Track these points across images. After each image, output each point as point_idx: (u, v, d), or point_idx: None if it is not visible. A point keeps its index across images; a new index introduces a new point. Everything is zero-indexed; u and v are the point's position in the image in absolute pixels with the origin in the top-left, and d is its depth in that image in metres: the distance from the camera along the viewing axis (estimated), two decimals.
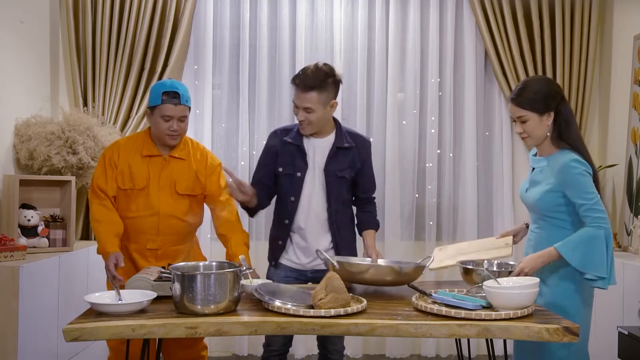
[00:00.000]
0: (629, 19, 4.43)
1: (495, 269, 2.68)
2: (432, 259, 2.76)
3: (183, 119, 2.90)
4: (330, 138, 2.95)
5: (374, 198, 3.15)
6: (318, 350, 3.08)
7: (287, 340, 3.01)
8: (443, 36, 4.67)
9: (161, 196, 2.93)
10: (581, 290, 2.59)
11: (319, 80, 2.80)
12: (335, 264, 2.56)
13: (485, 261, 2.71)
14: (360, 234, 3.08)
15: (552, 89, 2.62)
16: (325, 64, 2.87)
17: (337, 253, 2.95)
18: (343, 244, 2.98)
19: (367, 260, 2.88)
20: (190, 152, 3.03)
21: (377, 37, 4.62)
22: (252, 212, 3.06)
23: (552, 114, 2.60)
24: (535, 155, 2.75)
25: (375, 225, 3.09)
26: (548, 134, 2.62)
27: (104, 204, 2.92)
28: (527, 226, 2.88)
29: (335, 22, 4.59)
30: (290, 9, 4.57)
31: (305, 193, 2.94)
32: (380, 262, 2.86)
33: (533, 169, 2.71)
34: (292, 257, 2.97)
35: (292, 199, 2.93)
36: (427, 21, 4.66)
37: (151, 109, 2.90)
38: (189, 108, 2.94)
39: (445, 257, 2.86)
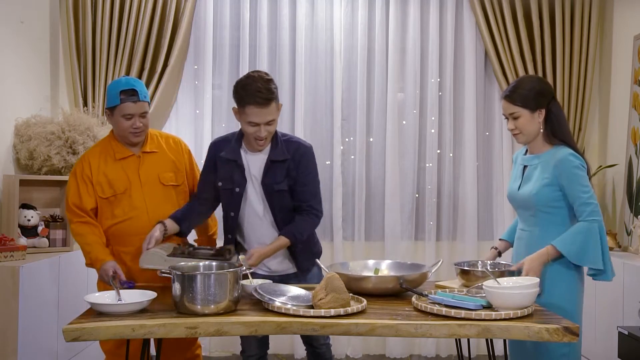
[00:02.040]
0: (629, 19, 4.43)
1: (489, 269, 2.71)
2: (441, 261, 2.76)
3: (144, 115, 2.87)
4: (266, 151, 2.85)
5: (312, 209, 2.89)
6: (305, 348, 3.07)
7: (263, 343, 2.96)
8: (443, 36, 4.67)
9: (146, 193, 2.91)
10: (578, 280, 2.64)
11: (272, 90, 2.72)
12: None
13: (479, 262, 2.77)
14: None
15: (543, 87, 2.69)
16: (262, 72, 2.78)
17: (295, 260, 2.90)
18: (299, 250, 2.89)
19: (369, 272, 2.79)
20: (161, 143, 3.02)
21: (377, 37, 4.62)
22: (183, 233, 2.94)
23: (544, 112, 2.66)
24: (525, 154, 2.80)
25: (288, 234, 2.81)
26: (541, 130, 2.68)
27: (84, 220, 2.89)
28: (499, 252, 2.93)
29: (335, 22, 4.59)
30: (290, 9, 4.57)
31: (246, 208, 2.87)
32: (384, 268, 2.83)
33: (524, 167, 2.75)
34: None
35: (232, 214, 2.87)
36: (427, 21, 4.66)
37: (110, 109, 2.87)
38: (148, 103, 2.92)
39: (450, 282, 2.85)
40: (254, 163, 2.85)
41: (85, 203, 2.89)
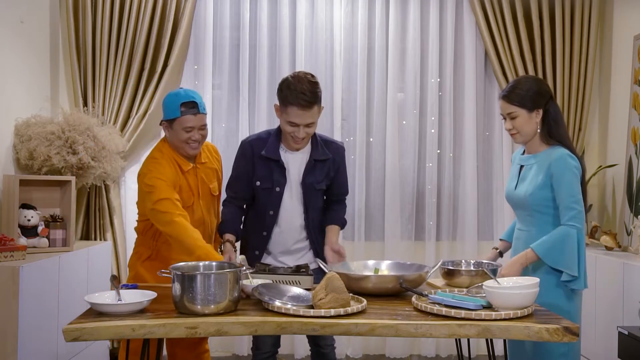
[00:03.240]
0: (629, 19, 4.43)
1: (472, 268, 2.74)
2: (440, 262, 2.75)
3: (203, 127, 2.86)
4: (306, 150, 2.92)
5: (344, 197, 3.14)
6: (309, 347, 3.08)
7: (276, 341, 3.00)
8: (443, 36, 4.67)
9: (203, 206, 2.93)
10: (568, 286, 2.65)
11: (316, 93, 2.75)
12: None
13: (463, 261, 2.81)
14: (324, 230, 3.02)
15: (541, 88, 2.71)
16: (308, 74, 2.80)
17: (316, 255, 2.96)
18: (320, 248, 2.98)
19: (368, 272, 2.78)
20: (206, 152, 3.04)
21: (377, 37, 4.62)
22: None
23: (541, 112, 2.68)
24: (522, 154, 2.81)
25: (340, 222, 3.04)
26: (538, 130, 2.69)
27: (184, 214, 2.75)
28: (500, 253, 2.95)
29: (335, 22, 4.59)
30: (290, 9, 4.57)
31: (283, 206, 2.92)
32: (384, 268, 2.82)
33: (521, 167, 2.77)
34: (276, 264, 2.93)
35: (271, 212, 2.91)
36: (427, 21, 4.65)
37: (169, 121, 2.83)
38: (206, 114, 2.91)
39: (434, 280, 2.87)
40: (293, 162, 2.91)
41: (180, 202, 2.78)
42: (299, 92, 2.71)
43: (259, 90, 4.56)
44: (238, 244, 3.03)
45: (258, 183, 2.92)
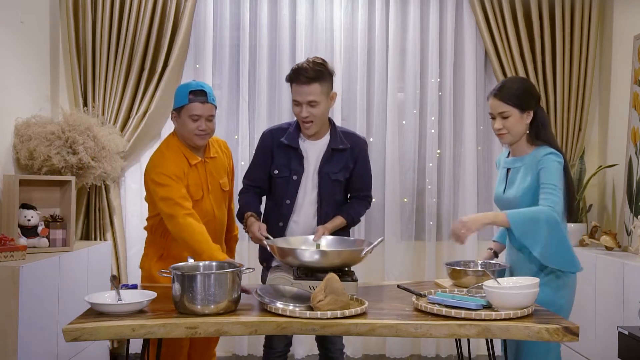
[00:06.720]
0: (629, 19, 4.43)
1: (479, 268, 2.74)
2: (381, 239, 2.70)
3: (211, 118, 2.87)
4: (325, 139, 2.92)
5: (367, 196, 3.07)
6: (318, 351, 3.07)
7: (289, 341, 3.00)
8: (443, 36, 4.67)
9: (212, 200, 2.93)
10: (566, 283, 2.65)
11: (318, 71, 2.78)
12: (267, 246, 2.67)
13: (471, 262, 2.81)
14: None
15: (531, 87, 2.73)
16: (318, 58, 2.86)
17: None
18: None
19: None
20: (216, 147, 3.05)
21: (377, 37, 4.62)
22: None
23: (532, 114, 2.69)
24: (507, 157, 2.82)
25: (346, 215, 2.93)
26: (527, 132, 2.70)
27: (190, 213, 2.73)
28: (495, 253, 2.95)
29: (335, 22, 4.59)
30: (290, 9, 4.57)
31: (300, 196, 2.91)
32: (324, 244, 2.80)
33: (508, 170, 2.77)
34: None
35: (288, 201, 2.90)
36: (427, 21, 4.65)
37: (177, 110, 2.86)
38: (216, 107, 2.91)
39: (442, 280, 2.87)
40: (312, 152, 2.90)
41: (188, 199, 2.79)
42: (301, 69, 2.78)
43: (259, 90, 4.56)
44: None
45: (276, 171, 2.91)
